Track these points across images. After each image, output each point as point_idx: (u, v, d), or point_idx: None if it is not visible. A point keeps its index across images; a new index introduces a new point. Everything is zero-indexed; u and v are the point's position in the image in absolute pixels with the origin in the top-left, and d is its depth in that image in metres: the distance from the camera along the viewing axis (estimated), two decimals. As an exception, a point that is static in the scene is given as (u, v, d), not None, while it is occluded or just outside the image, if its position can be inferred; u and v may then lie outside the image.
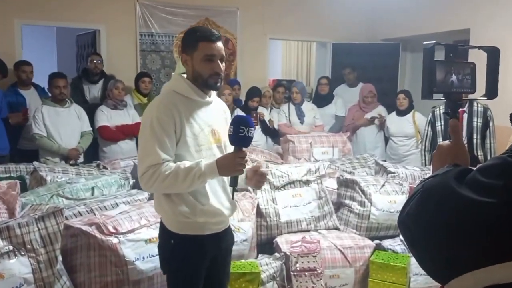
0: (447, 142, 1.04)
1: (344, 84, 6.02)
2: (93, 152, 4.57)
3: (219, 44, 1.87)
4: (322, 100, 5.57)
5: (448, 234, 0.77)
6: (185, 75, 1.95)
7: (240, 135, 1.75)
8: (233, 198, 1.93)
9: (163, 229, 1.95)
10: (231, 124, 1.79)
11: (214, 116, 1.95)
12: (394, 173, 3.68)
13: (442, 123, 4.10)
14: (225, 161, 1.79)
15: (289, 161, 4.43)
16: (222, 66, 1.88)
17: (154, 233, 2.45)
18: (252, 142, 1.85)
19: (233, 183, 1.85)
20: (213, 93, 1.98)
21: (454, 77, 1.03)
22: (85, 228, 2.34)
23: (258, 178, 1.90)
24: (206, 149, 1.89)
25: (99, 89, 5.05)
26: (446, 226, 0.77)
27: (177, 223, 1.88)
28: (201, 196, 1.89)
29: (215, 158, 1.85)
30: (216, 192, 1.93)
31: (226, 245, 2.05)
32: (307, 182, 3.31)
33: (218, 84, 1.90)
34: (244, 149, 1.80)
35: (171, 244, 1.90)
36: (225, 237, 2.03)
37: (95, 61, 4.97)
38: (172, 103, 1.84)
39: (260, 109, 5.13)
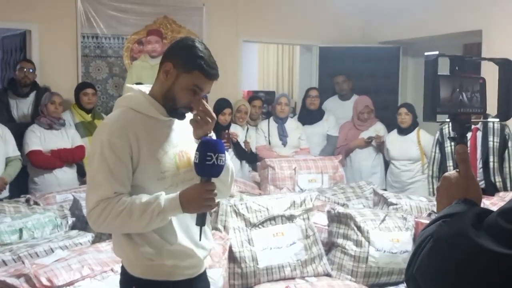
0: (453, 172, 1.07)
1: (335, 96, 6.12)
2: (21, 184, 4.49)
3: (213, 82, 1.93)
4: (310, 116, 5.63)
5: None
6: (143, 87, 1.97)
7: (207, 164, 1.77)
8: (200, 239, 1.93)
9: (123, 274, 1.96)
10: (196, 150, 1.81)
11: (181, 135, 1.97)
12: (396, 204, 3.74)
13: (453, 144, 4.20)
14: (190, 195, 1.80)
15: (268, 192, 4.45)
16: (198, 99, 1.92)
17: (99, 285, 2.42)
18: None
19: (200, 221, 1.85)
20: None
21: (461, 95, 1.08)
22: (11, 280, 2.29)
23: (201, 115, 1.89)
24: (172, 176, 1.91)
25: (29, 105, 4.99)
26: (467, 285, 0.79)
27: (141, 267, 1.90)
28: (168, 233, 1.90)
29: (184, 186, 1.87)
30: (187, 228, 1.94)
31: None
32: (290, 218, 3.32)
33: (185, 116, 1.95)
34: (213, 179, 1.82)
35: None
36: (199, 284, 2.03)
37: (25, 70, 4.92)
38: (128, 123, 1.86)
39: (234, 128, 5.17)
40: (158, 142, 1.90)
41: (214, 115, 1.94)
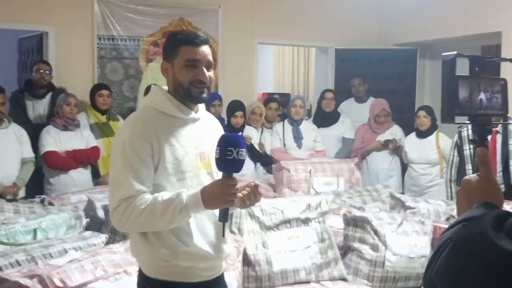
0: (474, 176, 1.05)
1: (351, 98, 6.09)
2: (36, 184, 4.53)
3: (205, 48, 1.95)
4: (326, 118, 5.62)
5: None
6: (166, 88, 2.01)
7: (228, 158, 1.78)
8: (223, 235, 1.95)
9: (140, 275, 1.98)
10: (217, 145, 1.82)
11: (202, 136, 2.00)
12: (414, 208, 3.70)
13: (471, 147, 4.16)
14: (211, 191, 1.81)
15: (283, 194, 4.43)
16: (209, 74, 1.95)
17: (112, 286, 2.42)
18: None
19: (223, 217, 1.87)
20: (202, 108, 2.05)
21: (480, 96, 1.06)
22: (24, 281, 2.30)
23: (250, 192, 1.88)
24: (192, 177, 1.93)
25: (45, 106, 5.04)
26: None
27: (156, 268, 1.91)
28: (185, 234, 1.90)
29: None
30: (204, 229, 1.94)
31: None
32: (306, 221, 3.30)
33: (204, 95, 1.96)
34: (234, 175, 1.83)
35: None
36: (216, 287, 2.03)
37: (42, 71, 4.96)
38: (149, 122, 1.89)
39: (248, 130, 5.16)
40: (179, 142, 1.93)
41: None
